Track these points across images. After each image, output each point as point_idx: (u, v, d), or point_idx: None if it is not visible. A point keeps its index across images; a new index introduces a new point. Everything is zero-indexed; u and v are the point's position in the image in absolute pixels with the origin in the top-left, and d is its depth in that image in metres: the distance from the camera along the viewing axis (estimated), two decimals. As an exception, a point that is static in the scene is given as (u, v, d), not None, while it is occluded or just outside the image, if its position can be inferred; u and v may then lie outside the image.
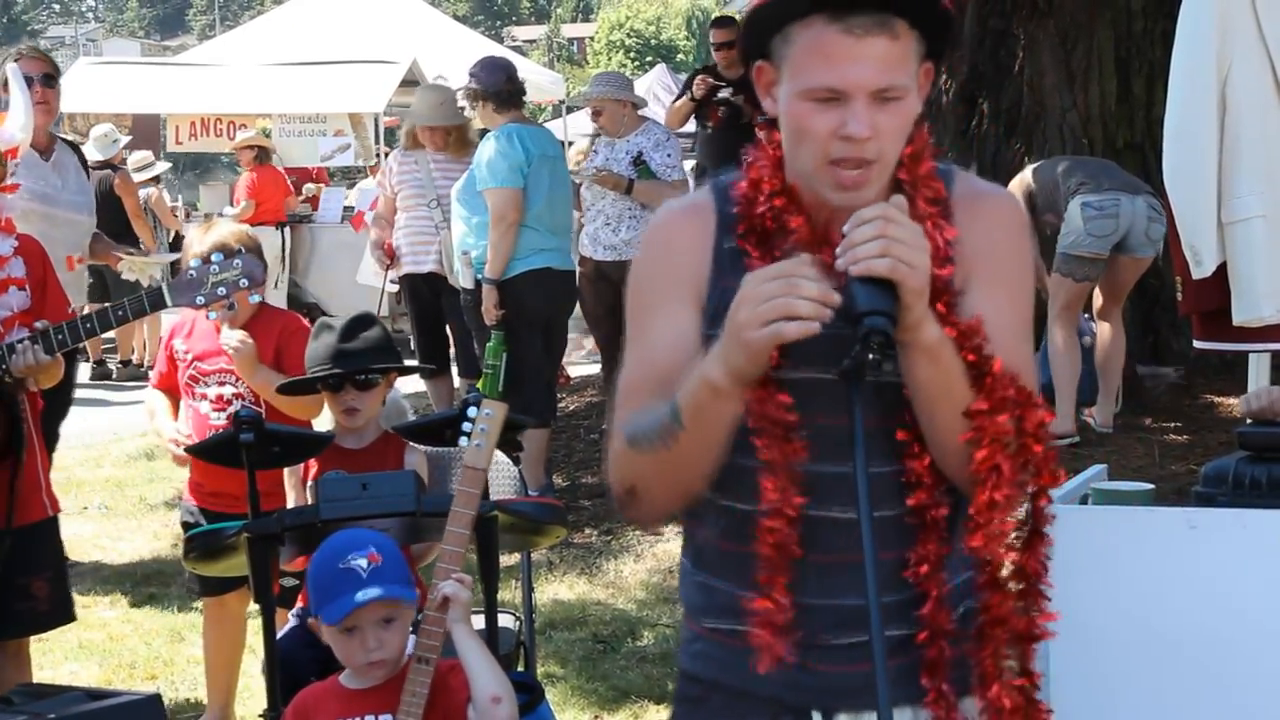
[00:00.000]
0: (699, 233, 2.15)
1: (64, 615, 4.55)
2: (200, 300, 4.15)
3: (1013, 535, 2.05)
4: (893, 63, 2.00)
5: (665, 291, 2.15)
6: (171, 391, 4.87)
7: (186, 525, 4.88)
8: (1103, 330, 7.47)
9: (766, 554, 2.03)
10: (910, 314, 1.94)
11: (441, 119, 8.06)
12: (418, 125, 8.13)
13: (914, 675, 2.09)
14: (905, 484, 2.07)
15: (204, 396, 4.76)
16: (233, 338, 4.63)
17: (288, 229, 13.96)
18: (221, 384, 4.75)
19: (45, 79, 6.20)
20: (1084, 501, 3.68)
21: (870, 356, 1.91)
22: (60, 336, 4.10)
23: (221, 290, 4.12)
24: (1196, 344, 5.31)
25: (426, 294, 8.12)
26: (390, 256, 8.35)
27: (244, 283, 4.13)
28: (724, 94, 10.14)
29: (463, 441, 3.36)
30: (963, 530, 2.05)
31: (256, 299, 4.44)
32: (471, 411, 3.38)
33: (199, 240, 4.71)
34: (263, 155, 14.38)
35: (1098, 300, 7.48)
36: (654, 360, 2.12)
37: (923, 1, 2.02)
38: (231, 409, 4.62)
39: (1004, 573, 2.04)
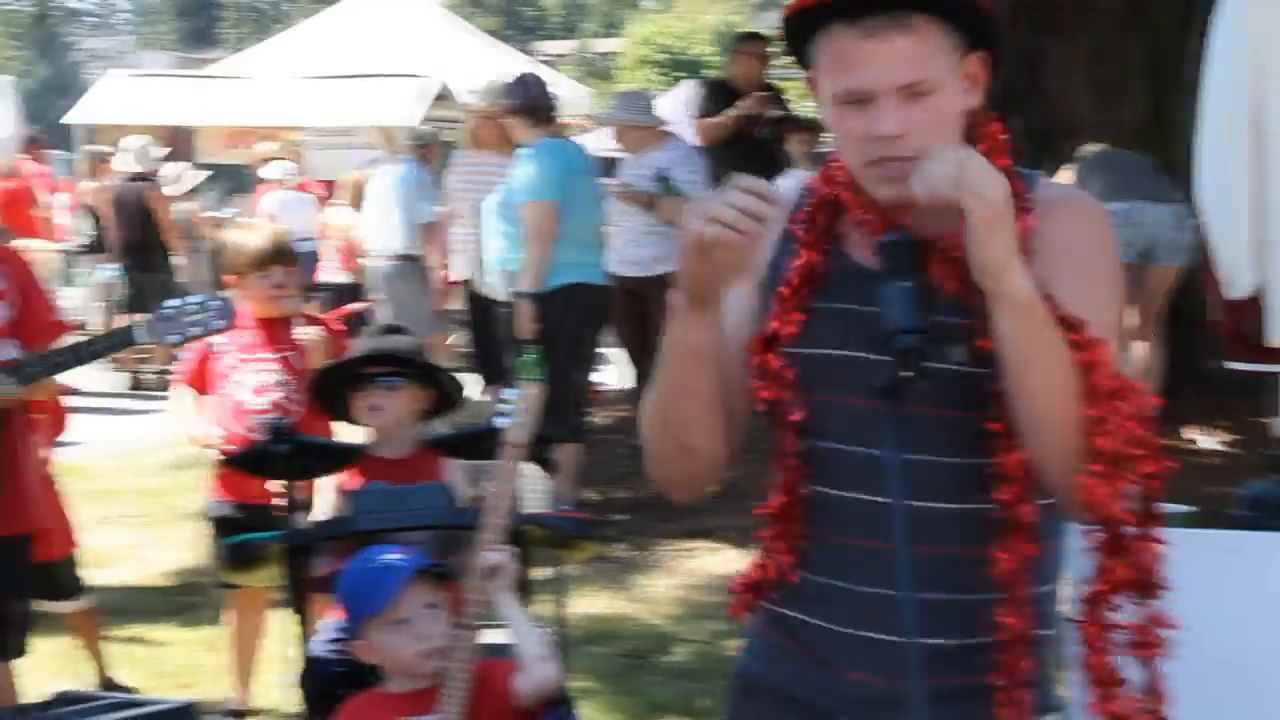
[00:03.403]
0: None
1: (21, 647, 4.42)
2: (174, 338, 4.23)
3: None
4: (915, 58, 2.00)
5: None
6: (198, 386, 5.15)
7: (219, 522, 5.06)
8: (1136, 349, 7.44)
9: (768, 513, 2.11)
10: (985, 250, 1.88)
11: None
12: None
13: (962, 698, 2.04)
14: (994, 477, 2.01)
15: (241, 384, 5.05)
16: (311, 333, 5.06)
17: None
18: (261, 372, 5.06)
19: None
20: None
21: (904, 374, 1.90)
22: (34, 370, 4.10)
23: (196, 329, 4.20)
24: (1227, 364, 5.30)
25: (476, 300, 8.12)
26: (446, 287, 8.52)
27: (218, 323, 4.22)
28: (776, 112, 10.15)
29: (500, 420, 3.45)
30: (1076, 492, 1.93)
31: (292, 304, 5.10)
32: (507, 393, 3.45)
33: (254, 239, 5.15)
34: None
35: (1133, 319, 7.45)
36: None
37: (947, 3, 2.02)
38: (271, 395, 5.00)
39: (1124, 536, 1.93)
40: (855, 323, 2.06)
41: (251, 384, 5.06)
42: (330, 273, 11.65)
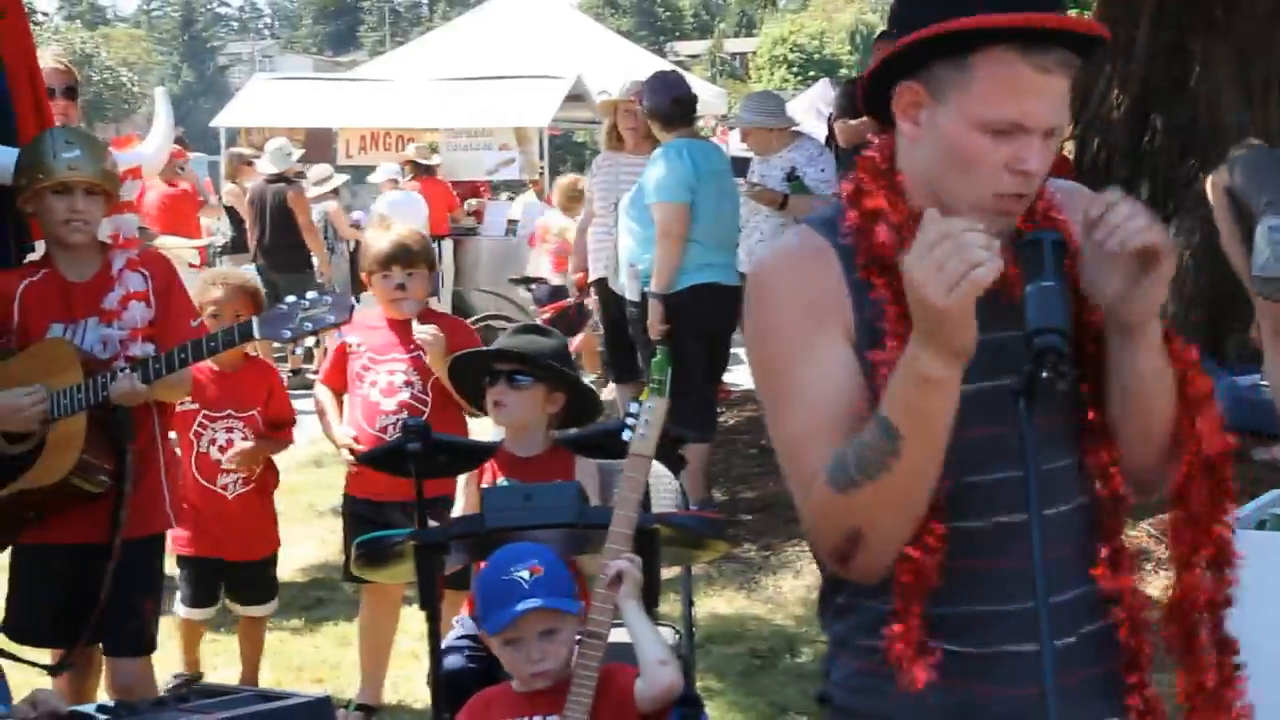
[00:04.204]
0: (828, 268, 2.06)
1: (152, 643, 4.47)
2: (287, 334, 4.24)
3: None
4: (1065, 102, 2.03)
5: (811, 332, 2.03)
6: (336, 387, 5.26)
7: (353, 519, 5.16)
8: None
9: (906, 581, 1.99)
10: (1156, 298, 1.97)
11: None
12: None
13: (1100, 687, 2.08)
14: (1093, 473, 2.07)
15: (374, 384, 5.14)
16: (426, 331, 5.06)
17: (448, 241, 14.15)
18: (391, 372, 5.14)
19: (67, 91, 5.84)
20: (1261, 527, 3.59)
21: (1044, 375, 1.88)
22: (157, 366, 4.13)
23: (308, 325, 4.21)
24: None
25: (612, 299, 8.19)
26: (581, 288, 8.61)
27: (330, 319, 4.23)
28: None
29: (626, 434, 3.46)
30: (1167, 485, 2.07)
31: (413, 306, 5.13)
32: (633, 408, 3.46)
33: (379, 240, 5.22)
34: (418, 168, 14.62)
35: None
36: (826, 402, 1.99)
37: (1096, 43, 2.03)
38: (399, 396, 5.08)
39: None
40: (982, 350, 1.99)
41: (383, 384, 5.14)
42: (546, 272, 11.87)
